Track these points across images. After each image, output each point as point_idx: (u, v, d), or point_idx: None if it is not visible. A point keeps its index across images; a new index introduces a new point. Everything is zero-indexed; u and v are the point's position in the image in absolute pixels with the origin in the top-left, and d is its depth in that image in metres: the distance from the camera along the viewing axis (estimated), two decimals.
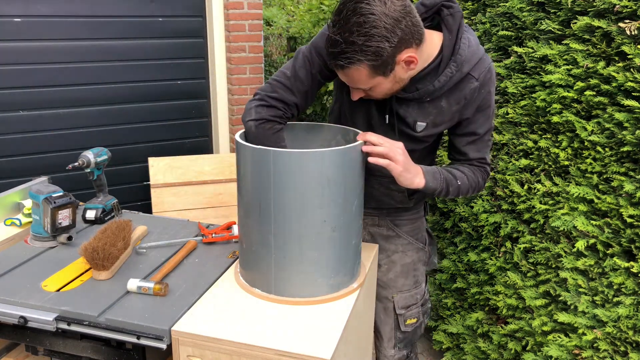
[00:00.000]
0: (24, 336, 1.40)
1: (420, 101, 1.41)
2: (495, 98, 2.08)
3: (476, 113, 1.44)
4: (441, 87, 1.37)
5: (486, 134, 1.49)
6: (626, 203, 1.65)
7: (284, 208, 1.27)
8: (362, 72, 1.25)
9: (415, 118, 1.43)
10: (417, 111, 1.43)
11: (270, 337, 1.21)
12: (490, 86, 1.43)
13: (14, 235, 1.73)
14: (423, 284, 1.79)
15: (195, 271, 1.51)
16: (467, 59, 1.35)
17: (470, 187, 1.48)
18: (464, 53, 1.34)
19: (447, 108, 1.42)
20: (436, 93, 1.39)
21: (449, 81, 1.36)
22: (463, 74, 1.36)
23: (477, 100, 1.42)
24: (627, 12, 1.59)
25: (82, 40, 3.02)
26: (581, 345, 1.80)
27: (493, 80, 1.43)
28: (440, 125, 1.46)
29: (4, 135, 2.94)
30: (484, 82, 1.39)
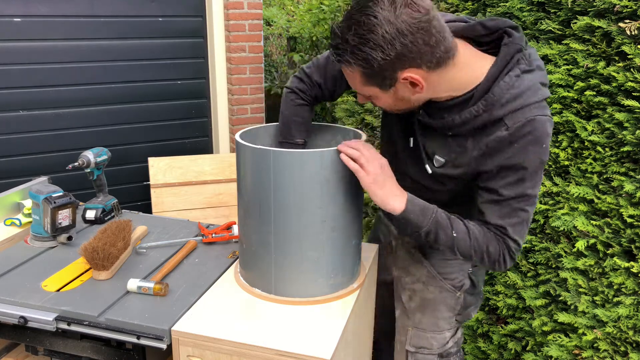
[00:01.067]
0: (24, 336, 1.40)
1: (443, 134, 1.24)
2: None
3: (502, 170, 1.18)
4: (462, 123, 1.18)
5: (514, 200, 1.19)
6: (626, 203, 1.65)
7: (284, 208, 1.27)
8: (355, 76, 1.16)
9: (435, 150, 1.27)
10: (438, 144, 1.26)
11: (270, 337, 1.21)
12: (528, 144, 1.14)
13: (13, 235, 1.73)
14: (447, 332, 1.55)
15: (195, 271, 1.51)
16: (503, 102, 1.14)
17: (472, 248, 1.24)
18: (500, 93, 1.14)
19: (471, 151, 1.21)
20: (457, 129, 1.20)
21: (474, 120, 1.17)
22: (493, 117, 1.15)
23: (505, 155, 1.16)
24: (627, 12, 1.59)
25: (82, 40, 3.02)
26: (581, 345, 1.80)
27: (534, 139, 1.14)
28: (459, 168, 1.25)
29: (4, 135, 2.94)
30: (516, 135, 1.14)
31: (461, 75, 1.17)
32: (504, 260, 1.25)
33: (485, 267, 1.36)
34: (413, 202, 1.24)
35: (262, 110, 3.62)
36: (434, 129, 1.26)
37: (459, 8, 2.24)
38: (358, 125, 3.04)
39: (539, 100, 1.16)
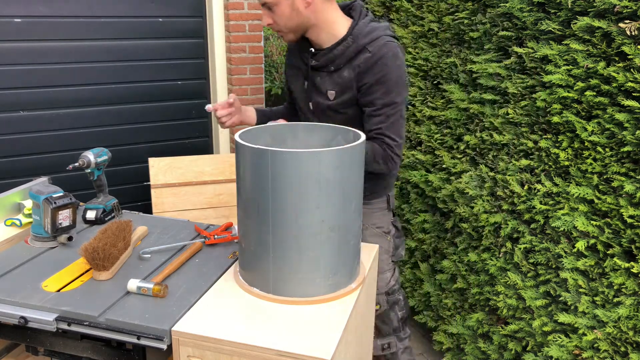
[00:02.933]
0: (24, 336, 1.40)
1: (329, 71, 1.66)
2: (496, 98, 2.09)
3: (374, 85, 1.59)
4: (340, 54, 1.61)
5: (385, 108, 1.61)
6: (626, 203, 1.65)
7: (282, 208, 1.27)
8: None
9: (327, 87, 1.68)
10: (328, 81, 1.67)
11: (271, 337, 1.21)
12: (387, 60, 1.57)
13: (14, 236, 1.73)
14: (387, 273, 1.91)
15: (195, 271, 1.51)
16: (364, 34, 1.60)
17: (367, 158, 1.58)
18: (361, 29, 1.61)
19: (348, 77, 1.63)
20: (337, 61, 1.63)
21: (347, 51, 1.61)
22: (359, 46, 1.59)
23: (372, 72, 1.58)
24: (628, 12, 1.59)
25: (82, 40, 3.02)
26: (581, 345, 1.80)
27: (392, 56, 1.58)
28: (346, 93, 1.65)
29: (4, 135, 2.94)
30: (378, 54, 1.57)
31: (338, 22, 1.63)
32: (390, 157, 1.64)
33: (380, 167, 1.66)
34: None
35: None
36: (322, 70, 1.68)
37: (459, 8, 2.24)
38: None
39: (390, 35, 1.63)
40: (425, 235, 2.58)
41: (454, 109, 2.31)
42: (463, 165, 2.29)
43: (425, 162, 2.52)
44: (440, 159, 2.41)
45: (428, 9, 2.42)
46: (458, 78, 2.30)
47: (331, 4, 1.62)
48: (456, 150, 2.35)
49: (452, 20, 2.27)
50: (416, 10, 2.49)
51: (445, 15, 2.33)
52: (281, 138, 1.56)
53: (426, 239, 2.57)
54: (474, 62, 2.18)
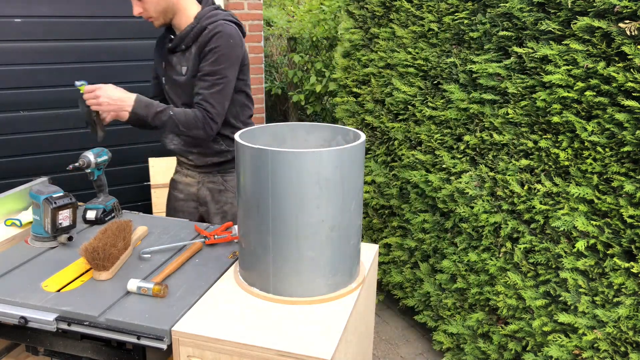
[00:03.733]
0: (24, 336, 1.40)
1: (181, 50, 1.88)
2: (495, 98, 2.09)
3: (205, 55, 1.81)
4: (186, 35, 1.84)
5: (210, 75, 1.80)
6: (626, 203, 1.65)
7: (282, 208, 1.28)
8: None
9: (180, 64, 1.90)
10: (181, 59, 1.89)
11: (271, 337, 1.21)
12: (222, 35, 1.79)
13: (14, 236, 1.73)
14: None
15: (195, 271, 1.51)
16: (206, 17, 1.83)
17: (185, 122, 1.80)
18: (205, 13, 1.84)
19: (195, 54, 1.84)
20: (186, 40, 1.85)
21: (192, 31, 1.83)
22: (202, 27, 1.82)
23: (208, 43, 1.80)
24: (627, 12, 1.59)
25: (82, 40, 3.02)
26: (581, 345, 1.80)
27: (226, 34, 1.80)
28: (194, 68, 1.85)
29: (4, 135, 2.94)
30: (214, 30, 1.80)
31: (192, 8, 1.87)
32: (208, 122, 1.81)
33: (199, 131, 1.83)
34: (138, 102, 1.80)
35: (263, 111, 3.62)
36: (176, 50, 1.90)
37: (459, 8, 2.24)
38: (358, 125, 3.05)
39: (230, 20, 1.87)
40: (425, 235, 2.58)
41: (454, 109, 2.31)
42: (463, 165, 2.29)
43: (425, 162, 2.52)
44: (440, 159, 2.41)
45: (428, 9, 2.42)
46: (458, 78, 2.30)
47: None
48: (456, 150, 2.35)
49: (452, 20, 2.27)
50: (416, 10, 2.49)
51: (445, 15, 2.33)
52: (281, 138, 1.57)
53: (426, 239, 2.57)
54: (474, 62, 2.18)
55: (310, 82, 4.35)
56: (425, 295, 2.66)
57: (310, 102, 4.66)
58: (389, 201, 2.85)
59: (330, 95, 4.57)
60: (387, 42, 2.72)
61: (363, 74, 2.93)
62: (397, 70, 2.65)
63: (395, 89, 2.67)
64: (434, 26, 2.38)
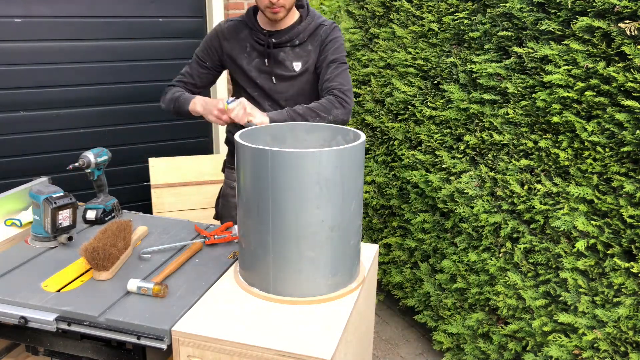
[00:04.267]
0: (24, 336, 1.40)
1: (292, 45, 1.93)
2: (495, 98, 2.09)
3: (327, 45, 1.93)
4: (304, 29, 1.92)
5: (334, 63, 1.92)
6: (626, 203, 1.65)
7: (282, 208, 1.28)
8: None
9: (292, 60, 1.94)
10: (292, 55, 1.94)
11: (271, 337, 1.21)
12: (337, 31, 1.97)
13: (14, 236, 1.73)
14: None
15: (195, 271, 1.51)
16: (317, 16, 1.99)
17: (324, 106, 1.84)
18: (314, 12, 1.99)
19: (313, 50, 1.94)
20: (302, 36, 1.92)
21: (308, 27, 1.93)
22: (317, 24, 1.95)
23: (329, 36, 1.94)
24: (627, 12, 1.59)
25: (82, 40, 3.02)
26: (581, 345, 1.80)
27: (338, 29, 1.98)
28: (309, 64, 1.94)
29: (4, 135, 2.94)
30: (331, 26, 1.96)
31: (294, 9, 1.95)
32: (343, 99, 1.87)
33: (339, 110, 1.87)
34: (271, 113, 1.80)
35: None
36: (286, 46, 1.94)
37: (459, 8, 2.24)
38: (358, 125, 3.05)
39: None
40: (425, 235, 2.58)
41: (454, 109, 2.31)
42: (463, 165, 2.29)
43: (425, 162, 2.52)
44: (440, 159, 2.41)
45: (428, 9, 2.42)
46: (458, 78, 2.30)
47: None
48: (456, 150, 2.35)
49: (452, 20, 2.27)
50: (416, 10, 2.49)
51: (445, 15, 2.33)
52: (281, 138, 1.57)
53: (426, 239, 2.57)
54: (474, 62, 2.18)
55: None
56: (425, 295, 2.66)
57: None
58: (389, 201, 2.85)
59: None
60: (387, 42, 2.72)
61: (363, 74, 2.93)
62: (397, 70, 2.65)
63: (395, 89, 2.67)
64: (434, 26, 2.38)
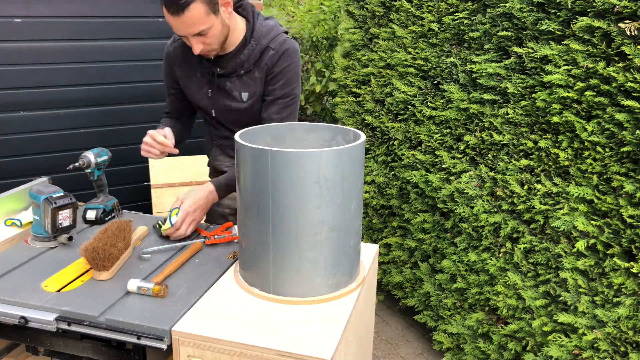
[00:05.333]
0: (24, 336, 1.40)
1: (238, 75, 1.74)
2: (495, 98, 2.09)
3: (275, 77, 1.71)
4: (247, 58, 1.70)
5: (283, 99, 1.73)
6: (626, 203, 1.65)
7: (282, 208, 1.28)
8: (199, 10, 1.51)
9: (240, 90, 1.75)
10: (239, 84, 1.75)
11: (271, 337, 1.21)
12: (290, 53, 1.70)
13: (14, 236, 1.73)
14: None
15: (195, 271, 1.51)
16: (264, 34, 1.70)
17: None
18: (260, 30, 1.70)
19: (260, 78, 1.73)
20: (246, 65, 1.71)
21: (252, 53, 1.69)
22: (263, 46, 1.69)
23: (277, 66, 1.70)
24: (627, 12, 1.59)
25: (82, 40, 3.02)
26: (581, 345, 1.80)
27: (293, 51, 1.71)
28: (257, 93, 1.75)
29: (4, 135, 2.94)
30: (280, 49, 1.69)
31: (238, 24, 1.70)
32: None
33: None
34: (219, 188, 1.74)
35: None
36: (232, 76, 1.74)
37: (459, 9, 2.24)
38: (358, 125, 3.05)
39: (285, 32, 1.74)
40: (425, 235, 2.58)
41: (454, 109, 2.31)
42: (463, 165, 2.29)
43: (425, 162, 2.52)
44: (440, 159, 2.41)
45: (428, 9, 2.42)
46: (458, 78, 2.30)
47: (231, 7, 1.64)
48: (456, 150, 2.35)
49: (452, 20, 2.27)
50: (416, 10, 2.49)
51: (445, 15, 2.33)
52: (281, 138, 1.57)
53: (426, 239, 2.57)
54: (474, 62, 2.18)
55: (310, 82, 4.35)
56: (425, 295, 2.66)
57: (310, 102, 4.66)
58: (389, 201, 2.85)
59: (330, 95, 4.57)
60: (387, 42, 2.72)
61: (363, 74, 2.93)
62: (397, 70, 2.65)
63: (395, 89, 2.67)
64: (434, 26, 2.38)
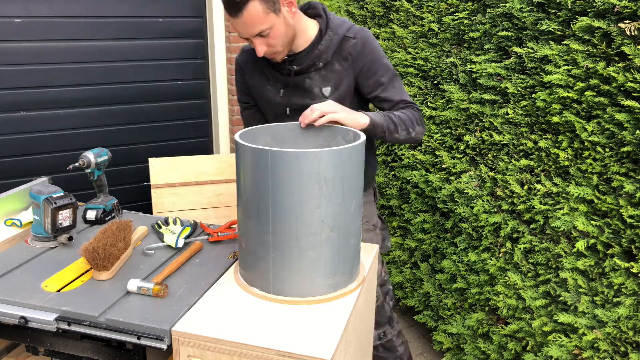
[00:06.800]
0: (24, 336, 1.40)
1: (317, 69, 1.66)
2: (495, 98, 2.09)
3: (372, 66, 1.66)
4: (326, 48, 1.64)
5: (392, 81, 1.70)
6: (626, 203, 1.65)
7: (282, 208, 1.28)
8: (257, 9, 1.47)
9: (320, 85, 1.68)
10: (319, 79, 1.68)
11: (271, 337, 1.21)
12: (371, 41, 1.67)
13: (14, 236, 1.73)
14: (379, 265, 1.91)
15: (195, 271, 1.51)
16: (339, 25, 1.66)
17: (410, 120, 1.66)
18: (335, 22, 1.67)
19: (341, 69, 1.67)
20: (324, 56, 1.65)
21: (331, 44, 1.64)
22: (340, 37, 1.65)
23: (365, 53, 1.66)
24: (627, 12, 1.59)
25: (82, 40, 3.02)
26: (581, 345, 1.80)
27: (372, 38, 1.69)
28: (342, 86, 1.68)
29: (4, 135, 2.94)
30: (361, 38, 1.65)
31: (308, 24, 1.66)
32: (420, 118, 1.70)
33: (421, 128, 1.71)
34: (369, 112, 1.60)
35: None
36: (310, 71, 1.67)
37: (458, 9, 2.24)
38: None
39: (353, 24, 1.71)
40: (425, 235, 2.58)
41: (454, 109, 2.31)
42: (463, 165, 2.29)
43: (425, 162, 2.52)
44: (440, 159, 2.41)
45: (428, 9, 2.42)
46: (458, 78, 2.30)
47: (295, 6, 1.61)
48: (456, 150, 2.35)
49: (452, 20, 2.27)
50: (416, 10, 2.49)
51: (445, 15, 2.33)
52: (281, 138, 1.57)
53: (426, 239, 2.57)
54: (474, 62, 2.18)
55: None
56: (425, 295, 2.66)
57: None
58: (389, 201, 2.85)
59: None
60: (387, 42, 2.72)
61: None
62: (397, 70, 2.65)
63: None
64: (434, 26, 2.38)
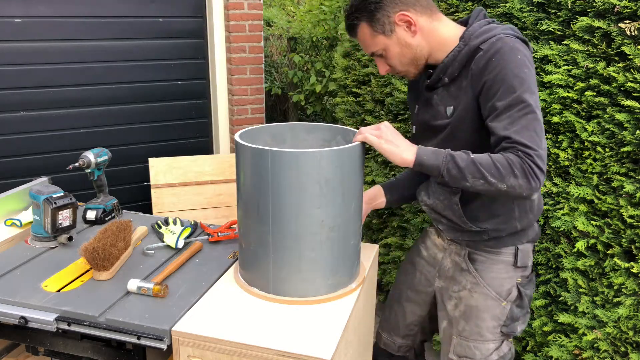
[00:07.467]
0: (24, 336, 1.40)
1: (444, 84, 1.41)
2: None
3: (492, 85, 1.29)
4: (452, 61, 1.36)
5: (509, 109, 1.26)
6: (626, 203, 1.65)
7: (282, 208, 1.28)
8: (365, 32, 1.40)
9: (445, 104, 1.41)
10: (446, 96, 1.41)
11: (271, 337, 1.21)
12: (504, 54, 1.27)
13: (14, 236, 1.73)
14: (490, 344, 1.51)
15: (195, 271, 1.51)
16: (477, 35, 1.34)
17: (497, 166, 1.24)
18: (474, 31, 1.35)
19: (466, 87, 1.35)
20: (450, 70, 1.37)
21: (459, 55, 1.35)
22: (472, 47, 1.33)
23: (488, 71, 1.29)
24: (627, 12, 1.59)
25: (82, 40, 3.02)
26: (581, 345, 1.80)
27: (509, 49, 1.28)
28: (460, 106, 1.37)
29: (4, 135, 2.94)
30: (490, 50, 1.29)
31: (451, 35, 1.40)
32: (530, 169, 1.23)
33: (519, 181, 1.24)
34: (423, 149, 1.33)
35: (262, 111, 3.63)
36: (437, 86, 1.43)
37: (458, 9, 2.24)
38: (358, 125, 3.05)
39: (510, 34, 1.33)
40: None
41: None
42: None
43: None
44: None
45: None
46: None
47: (440, 21, 1.41)
48: None
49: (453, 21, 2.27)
50: None
51: (445, 15, 2.32)
52: (281, 138, 1.57)
53: None
54: None
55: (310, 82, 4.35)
56: None
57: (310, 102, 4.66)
58: None
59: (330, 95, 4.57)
60: None
61: (363, 74, 2.93)
62: None
63: (395, 89, 2.67)
64: None
